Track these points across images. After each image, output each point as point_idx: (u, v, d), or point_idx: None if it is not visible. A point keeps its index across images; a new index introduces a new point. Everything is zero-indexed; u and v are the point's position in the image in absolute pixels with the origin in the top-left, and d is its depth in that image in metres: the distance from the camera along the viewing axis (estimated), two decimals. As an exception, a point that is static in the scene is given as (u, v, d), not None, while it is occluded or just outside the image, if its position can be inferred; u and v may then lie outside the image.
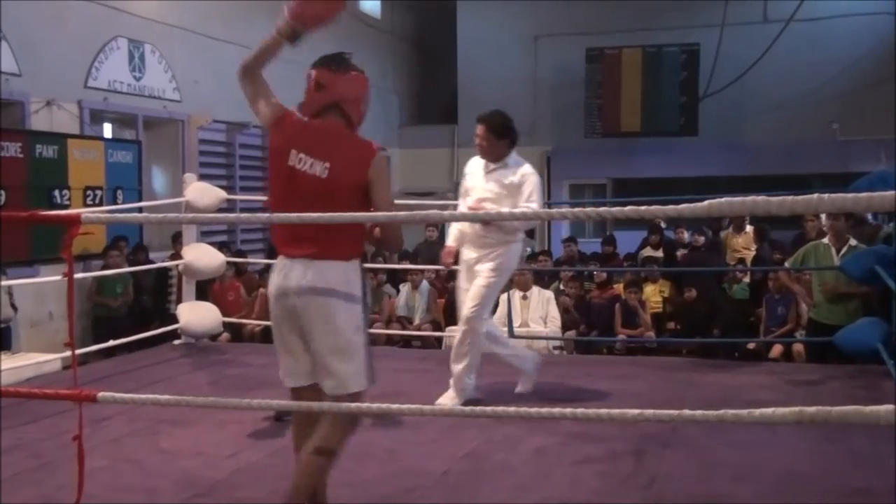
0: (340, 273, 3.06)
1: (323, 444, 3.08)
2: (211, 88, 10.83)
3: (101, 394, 2.92)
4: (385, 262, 10.22)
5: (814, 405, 2.26)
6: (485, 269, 4.98)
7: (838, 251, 6.45)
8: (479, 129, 5.07)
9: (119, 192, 8.88)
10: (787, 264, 7.04)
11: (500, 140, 5.02)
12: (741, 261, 9.72)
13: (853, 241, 6.49)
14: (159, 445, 4.37)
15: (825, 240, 6.72)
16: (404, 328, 8.75)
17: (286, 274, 3.08)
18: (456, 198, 5.37)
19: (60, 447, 3.25)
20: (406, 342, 8.37)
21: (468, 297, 5.00)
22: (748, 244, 10.23)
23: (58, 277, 4.10)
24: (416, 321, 8.94)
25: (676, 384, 5.71)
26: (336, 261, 3.06)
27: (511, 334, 6.96)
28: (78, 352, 5.75)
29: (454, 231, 5.20)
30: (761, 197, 2.22)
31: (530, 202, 4.95)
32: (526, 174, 5.00)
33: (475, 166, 5.17)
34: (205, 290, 8.56)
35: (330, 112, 3.19)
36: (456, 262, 5.22)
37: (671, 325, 8.68)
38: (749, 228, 10.30)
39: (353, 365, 3.07)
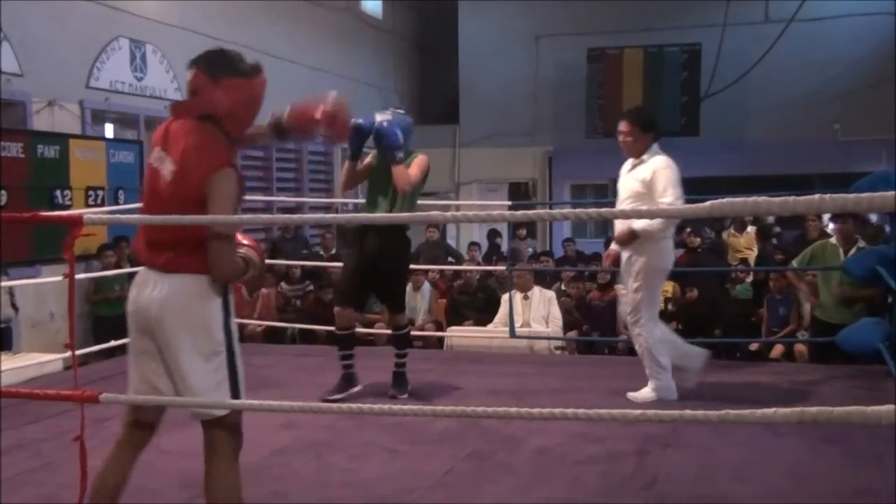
0: (194, 287, 2.80)
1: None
2: (212, 89, 10.83)
3: (103, 394, 2.92)
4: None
5: (815, 405, 2.26)
6: (633, 273, 4.98)
7: (846, 252, 6.45)
8: (623, 125, 4.93)
9: (121, 192, 8.87)
10: (794, 263, 7.03)
11: (646, 133, 4.91)
12: (744, 261, 9.71)
13: (861, 243, 6.49)
14: (160, 446, 4.34)
15: (832, 240, 6.72)
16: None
17: (141, 284, 2.88)
18: (458, 197, 5.32)
19: (62, 447, 3.25)
20: (407, 342, 8.36)
21: (626, 306, 5.14)
22: (750, 244, 10.23)
23: (59, 278, 4.10)
24: (418, 322, 8.94)
25: (678, 384, 5.70)
26: (189, 274, 2.79)
27: (512, 334, 6.98)
28: (79, 352, 5.76)
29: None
30: (763, 197, 2.22)
31: (665, 198, 4.74)
32: (657, 168, 4.82)
33: (625, 167, 5.08)
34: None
35: (206, 119, 2.87)
36: (618, 263, 5.17)
37: (673, 325, 8.66)
38: (751, 228, 10.29)
39: (202, 381, 2.85)
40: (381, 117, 5.29)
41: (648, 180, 4.81)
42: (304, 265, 9.36)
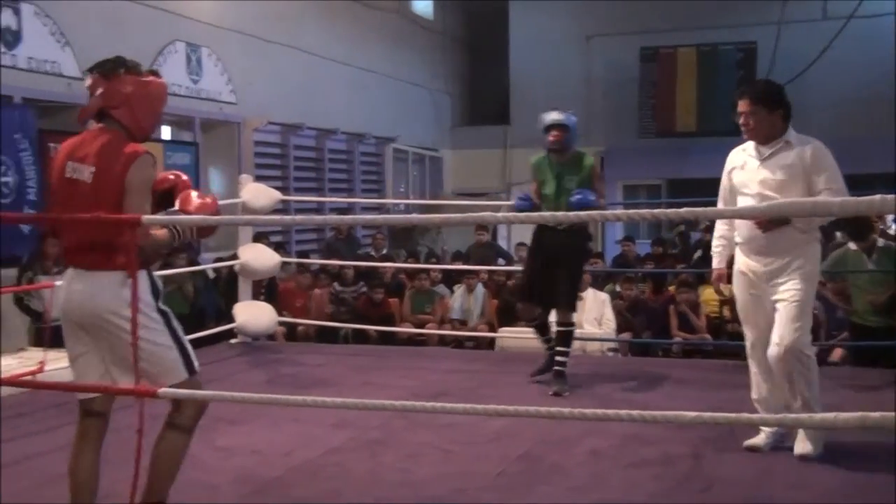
0: (113, 284, 2.99)
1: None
2: (266, 91, 10.96)
3: (161, 390, 2.97)
4: (438, 263, 10.26)
5: (876, 410, 2.22)
6: (792, 284, 3.98)
7: (868, 254, 6.34)
8: (742, 104, 4.16)
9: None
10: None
11: (773, 112, 4.11)
12: None
13: (881, 242, 6.37)
14: (216, 443, 4.43)
15: (851, 245, 6.60)
16: (457, 330, 8.74)
17: (68, 286, 3.07)
18: (508, 198, 5.31)
19: (120, 442, 3.31)
20: (458, 343, 8.37)
21: (783, 318, 3.96)
22: None
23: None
24: (471, 323, 8.94)
25: (734, 387, 5.63)
26: (107, 271, 3.00)
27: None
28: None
29: (718, 248, 4.35)
30: (821, 197, 2.18)
31: (830, 187, 3.96)
32: (817, 152, 4.04)
33: (741, 157, 4.23)
34: (272, 290, 8.69)
35: (105, 119, 3.11)
36: (729, 279, 4.32)
37: (730, 327, 8.55)
38: None
39: (159, 360, 3.05)
40: (549, 117, 5.78)
41: (805, 166, 3.99)
42: (358, 265, 9.41)
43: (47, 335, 5.76)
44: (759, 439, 4.20)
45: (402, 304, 9.23)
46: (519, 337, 7.78)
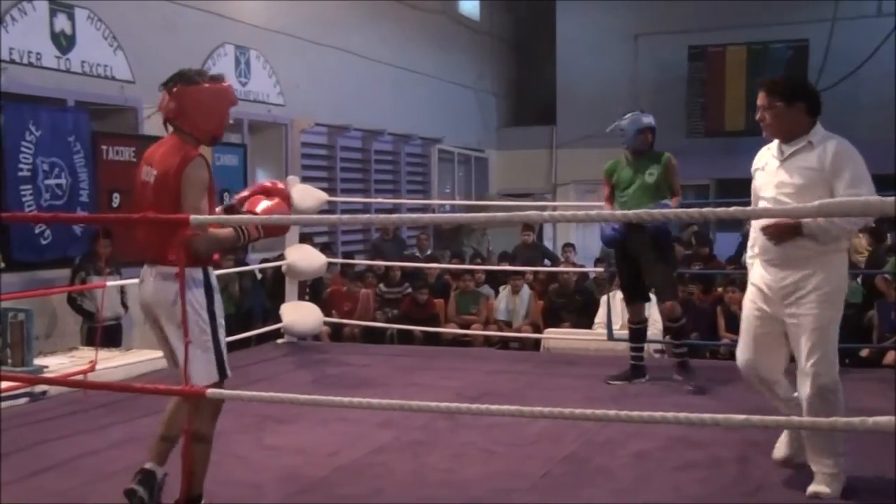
0: (167, 279, 3.24)
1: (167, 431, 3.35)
2: (313, 92, 11.04)
3: (209, 390, 3.01)
4: (483, 263, 10.25)
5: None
6: (808, 308, 3.49)
7: None
8: (759, 97, 3.77)
9: (226, 194, 9.10)
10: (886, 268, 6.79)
11: (792, 105, 3.65)
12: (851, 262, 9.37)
13: None
14: (263, 442, 4.48)
15: None
16: (502, 331, 8.73)
17: (142, 279, 3.40)
18: (554, 199, 5.31)
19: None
20: (504, 344, 8.37)
21: (804, 349, 3.51)
22: (862, 246, 9.86)
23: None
24: (516, 324, 8.92)
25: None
26: (164, 266, 3.24)
27: (611, 337, 6.89)
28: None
29: (751, 261, 3.81)
30: (875, 197, 2.14)
31: (854, 192, 3.44)
32: (840, 151, 3.55)
33: (764, 157, 3.81)
34: (318, 291, 8.76)
35: (172, 128, 3.37)
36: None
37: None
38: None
39: (196, 358, 3.20)
40: (645, 120, 6.02)
41: (825, 168, 3.52)
42: (404, 266, 9.44)
43: (99, 335, 5.87)
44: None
45: (448, 304, 9.24)
46: (565, 338, 7.76)
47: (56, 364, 5.70)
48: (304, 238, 8.16)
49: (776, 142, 3.74)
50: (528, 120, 17.04)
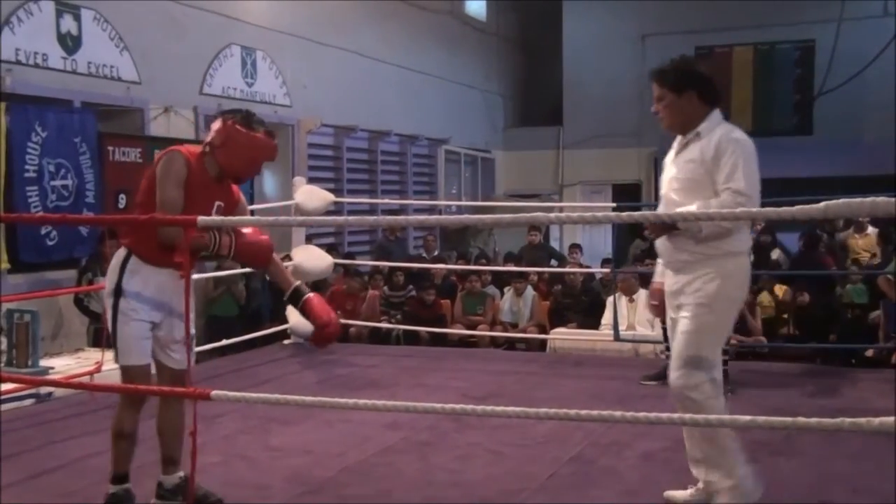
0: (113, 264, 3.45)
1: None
2: (319, 93, 11.05)
3: (214, 392, 3.01)
4: (488, 264, 10.24)
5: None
6: (689, 305, 3.33)
7: None
8: (653, 88, 3.45)
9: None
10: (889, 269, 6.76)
11: (682, 94, 3.36)
12: (855, 261, 9.36)
13: None
14: (270, 443, 4.48)
15: None
16: (507, 332, 8.73)
17: None
18: (561, 199, 5.27)
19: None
20: (510, 344, 8.36)
21: (674, 352, 3.42)
22: (869, 246, 9.85)
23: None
24: (521, 325, 8.92)
25: (789, 391, 5.54)
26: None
27: (617, 337, 6.88)
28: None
29: (660, 265, 3.65)
30: (881, 198, 2.13)
31: (730, 185, 3.24)
32: (722, 141, 3.29)
33: (670, 152, 3.57)
34: (322, 292, 8.75)
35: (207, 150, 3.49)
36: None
37: (784, 330, 8.42)
38: (871, 230, 9.91)
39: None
40: None
41: (708, 160, 3.29)
42: (408, 267, 9.43)
43: (105, 336, 5.87)
44: (680, 495, 3.56)
45: (454, 305, 9.24)
46: (571, 339, 7.75)
47: (62, 365, 5.71)
48: (308, 239, 8.15)
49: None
50: (534, 120, 17.03)
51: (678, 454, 4.18)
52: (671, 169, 3.46)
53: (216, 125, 3.47)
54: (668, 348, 7.54)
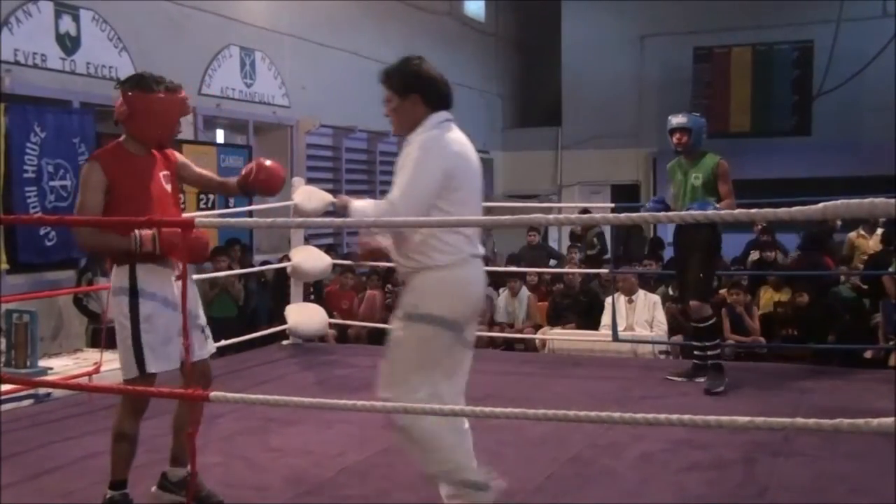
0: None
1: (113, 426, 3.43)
2: (318, 94, 11.05)
3: (213, 393, 3.01)
4: (487, 264, 10.23)
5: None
6: (396, 318, 3.17)
7: None
8: (384, 90, 3.27)
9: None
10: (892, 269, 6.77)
11: (406, 97, 3.18)
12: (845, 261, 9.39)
13: None
14: (269, 444, 4.47)
15: None
16: (504, 332, 8.73)
17: None
18: (560, 200, 5.28)
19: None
20: (508, 345, 8.36)
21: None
22: (877, 247, 9.85)
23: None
24: (517, 327, 8.92)
25: (788, 391, 5.54)
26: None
27: (615, 338, 6.89)
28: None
29: None
30: (880, 199, 2.13)
31: (391, 193, 3.05)
32: (409, 149, 3.11)
33: None
34: (320, 292, 8.75)
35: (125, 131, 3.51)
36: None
37: (784, 330, 8.42)
38: (878, 231, 9.91)
39: (122, 355, 3.40)
40: (671, 122, 6.08)
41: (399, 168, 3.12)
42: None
43: (104, 336, 5.87)
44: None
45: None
46: (569, 339, 7.76)
47: (61, 365, 5.70)
48: (305, 241, 8.15)
49: None
50: (533, 121, 17.03)
51: (677, 455, 4.19)
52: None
53: (117, 101, 3.44)
54: (666, 351, 7.58)
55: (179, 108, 3.53)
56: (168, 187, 3.51)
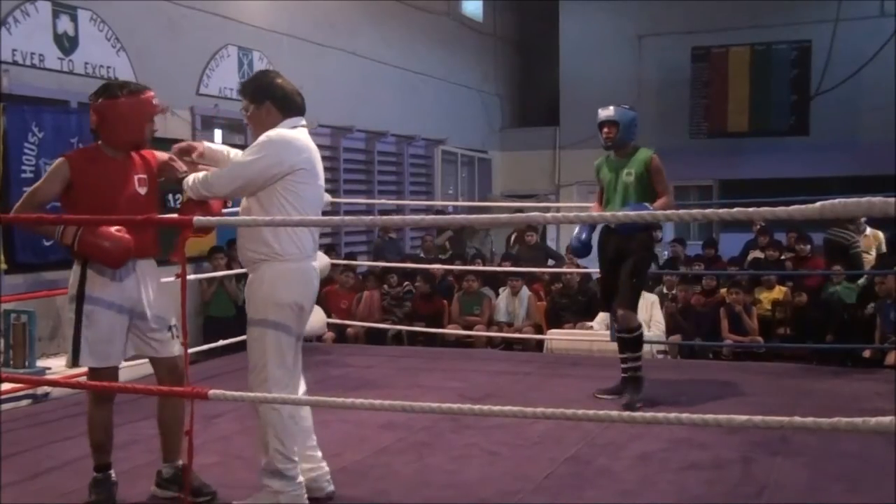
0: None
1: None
2: (316, 93, 11.01)
3: (211, 391, 3.01)
4: (485, 264, 10.24)
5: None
6: (251, 309, 3.47)
7: None
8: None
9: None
10: None
11: (261, 105, 3.52)
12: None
13: None
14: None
15: None
16: (503, 332, 8.73)
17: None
18: (558, 199, 5.24)
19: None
20: (507, 345, 8.36)
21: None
22: (869, 247, 9.85)
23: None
24: (517, 326, 8.91)
25: (786, 390, 5.55)
26: None
27: (613, 337, 6.88)
28: (189, 351, 5.94)
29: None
30: (878, 198, 2.13)
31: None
32: (260, 139, 3.49)
33: None
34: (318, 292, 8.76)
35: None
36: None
37: (782, 330, 8.43)
38: (869, 231, 9.91)
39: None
40: (599, 115, 5.53)
41: None
42: (403, 267, 9.43)
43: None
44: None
45: (451, 306, 9.24)
46: (568, 339, 7.76)
47: (59, 366, 5.71)
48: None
49: None
50: (531, 121, 17.03)
51: (675, 454, 4.20)
52: None
53: (90, 109, 3.55)
54: (664, 351, 7.57)
55: (146, 108, 3.60)
56: (142, 190, 3.62)
